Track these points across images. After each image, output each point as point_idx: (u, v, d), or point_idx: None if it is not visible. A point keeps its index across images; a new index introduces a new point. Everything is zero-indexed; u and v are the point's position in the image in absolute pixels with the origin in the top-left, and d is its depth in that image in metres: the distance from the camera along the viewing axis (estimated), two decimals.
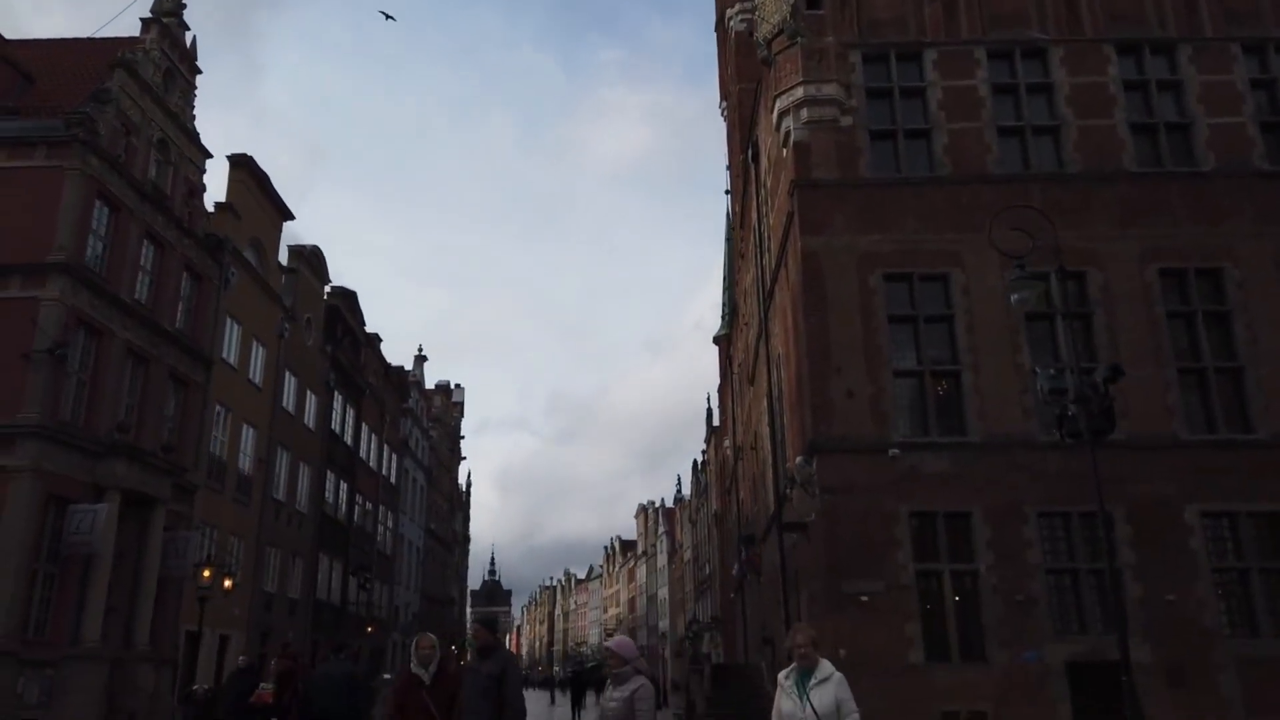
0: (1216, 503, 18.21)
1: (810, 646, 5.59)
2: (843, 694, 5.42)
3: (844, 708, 5.37)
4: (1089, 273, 19.72)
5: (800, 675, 5.49)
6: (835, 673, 5.50)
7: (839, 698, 5.38)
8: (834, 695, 5.38)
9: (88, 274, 20.02)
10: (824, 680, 5.43)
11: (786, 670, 5.67)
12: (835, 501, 18.55)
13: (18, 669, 17.62)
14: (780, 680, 5.69)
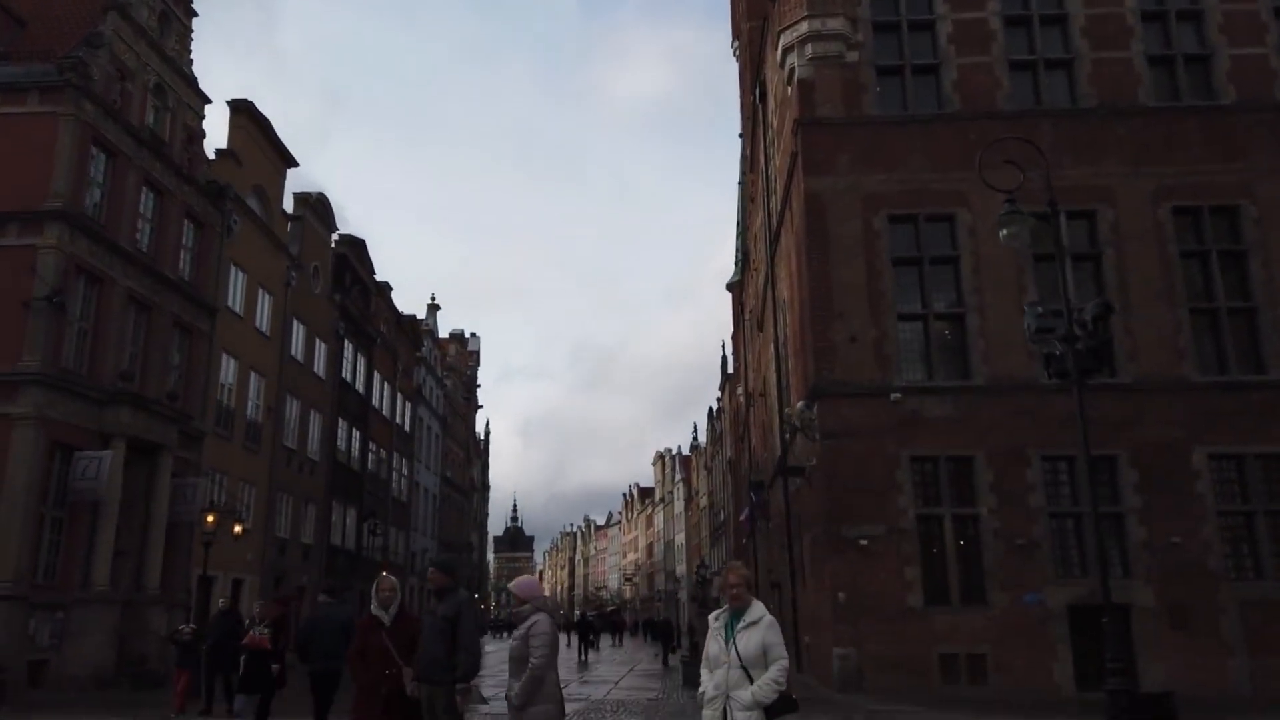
0: (1225, 445, 17.91)
1: (742, 586, 5.12)
2: (771, 639, 4.90)
3: (771, 653, 4.86)
4: (1099, 211, 19.24)
5: (731, 617, 5.01)
6: (766, 616, 5.01)
7: (766, 642, 4.87)
8: (760, 640, 4.87)
9: (86, 221, 19.93)
10: (753, 623, 4.93)
11: (717, 611, 5.19)
12: (836, 446, 18.41)
13: (28, 611, 17.93)
14: (710, 621, 5.17)
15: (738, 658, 4.85)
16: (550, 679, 5.89)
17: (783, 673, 4.81)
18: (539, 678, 5.80)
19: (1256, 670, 16.79)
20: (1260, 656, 16.84)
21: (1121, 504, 17.77)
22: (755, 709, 4.74)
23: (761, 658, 4.83)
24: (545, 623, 5.93)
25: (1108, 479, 18.13)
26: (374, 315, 40.56)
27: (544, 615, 6.00)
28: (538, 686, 5.81)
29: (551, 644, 5.91)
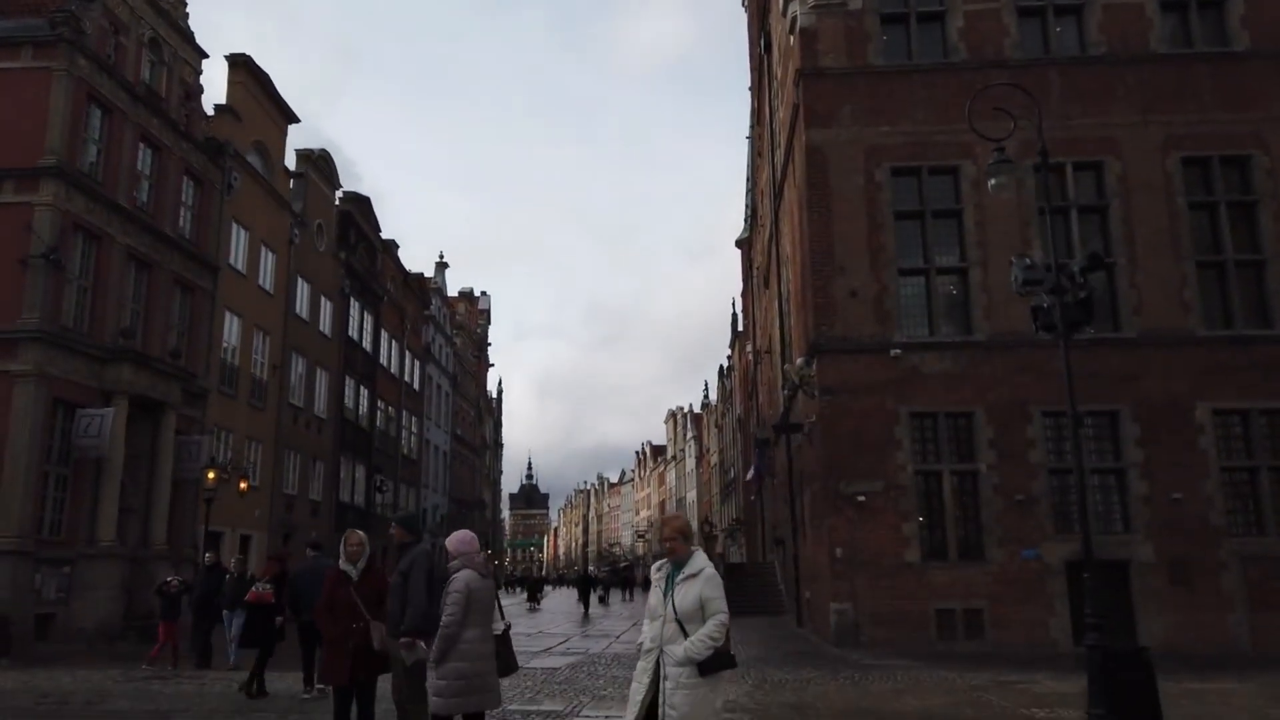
0: (1229, 400, 17.69)
1: (678, 538, 4.81)
2: (709, 592, 4.64)
3: (709, 607, 4.61)
4: (1106, 162, 18.86)
5: (673, 569, 4.76)
6: (706, 569, 4.74)
7: (704, 596, 4.61)
8: (698, 593, 4.62)
9: (82, 178, 19.85)
10: (691, 576, 4.67)
11: (660, 563, 4.90)
12: (835, 403, 18.29)
13: (34, 566, 18.17)
14: (652, 573, 4.92)
15: (673, 611, 4.63)
16: (470, 637, 5.71)
17: (719, 628, 4.59)
18: (449, 635, 5.66)
19: (1256, 626, 16.73)
20: (1260, 612, 16.77)
21: (1123, 459, 17.63)
22: (687, 665, 4.50)
23: (698, 612, 4.59)
24: (461, 580, 5.78)
25: (1110, 434, 17.99)
26: (380, 273, 40.49)
27: (465, 572, 5.83)
28: (449, 645, 5.67)
29: (464, 602, 5.70)
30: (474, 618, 5.74)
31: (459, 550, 5.96)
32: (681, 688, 4.49)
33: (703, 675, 4.49)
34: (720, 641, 4.57)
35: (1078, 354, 17.94)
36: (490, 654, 5.85)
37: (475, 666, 5.67)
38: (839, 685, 11.50)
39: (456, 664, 5.65)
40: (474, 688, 5.63)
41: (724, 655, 4.64)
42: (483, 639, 5.80)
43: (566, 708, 9.64)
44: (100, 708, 9.44)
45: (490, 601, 5.96)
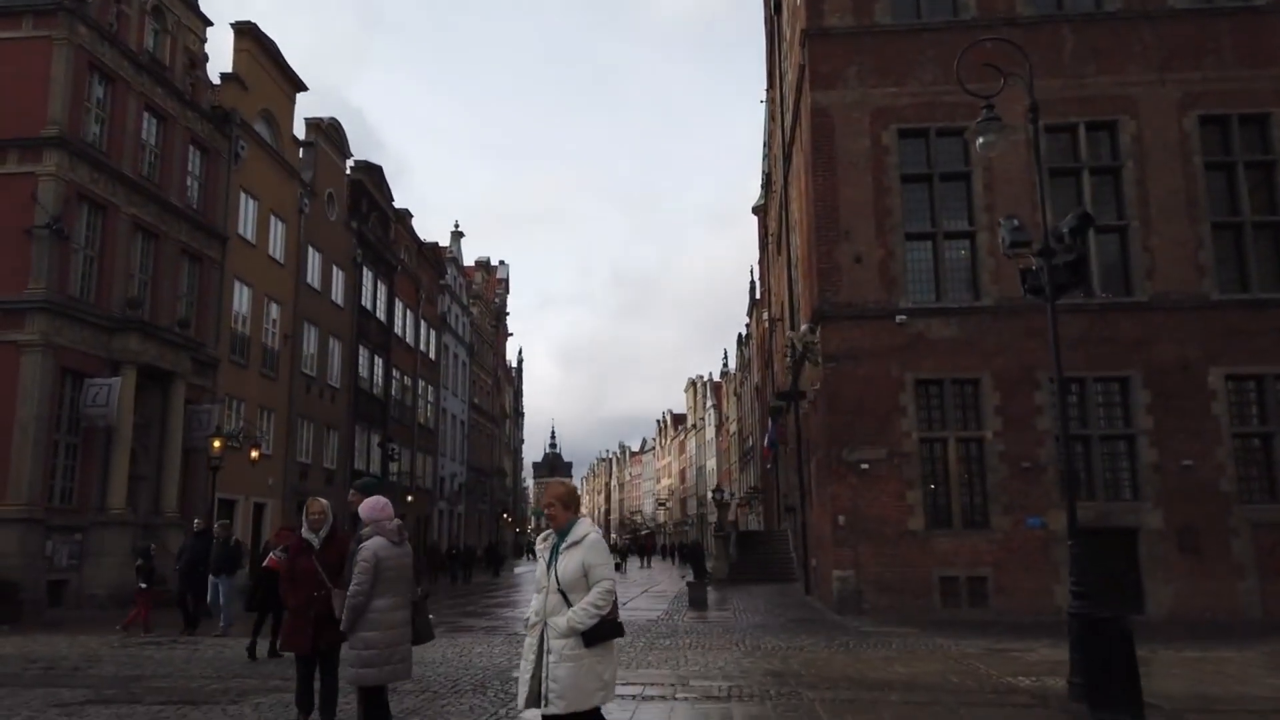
0: (1243, 365, 17.31)
1: (558, 505, 4.55)
2: (593, 559, 4.39)
3: (592, 574, 4.36)
4: (1121, 121, 18.38)
5: (558, 539, 4.52)
6: (590, 535, 4.49)
7: (587, 563, 4.37)
8: (580, 561, 4.37)
9: (85, 148, 19.85)
10: (574, 544, 4.43)
11: (545, 532, 4.65)
12: (839, 369, 18.08)
13: (45, 534, 18.42)
14: (538, 543, 4.64)
15: (556, 581, 4.38)
16: (379, 606, 5.59)
17: (604, 596, 4.32)
18: (355, 605, 5.56)
19: (1267, 593, 16.48)
20: (1272, 579, 16.50)
21: (1133, 425, 17.34)
22: (571, 635, 4.25)
23: (582, 580, 4.35)
24: (369, 549, 5.65)
25: (1120, 400, 17.69)
26: (394, 242, 40.45)
27: (374, 540, 5.71)
28: (356, 614, 5.57)
29: (372, 571, 5.58)
30: (384, 587, 5.62)
31: (370, 518, 5.84)
32: (564, 660, 4.24)
33: (588, 646, 4.25)
34: (605, 609, 4.31)
35: (1088, 319, 17.80)
36: (402, 623, 5.73)
37: (386, 636, 5.57)
38: (831, 653, 11.42)
39: (365, 634, 5.55)
40: (384, 658, 5.54)
41: (610, 624, 4.35)
42: (393, 608, 5.66)
43: None
44: (85, 672, 9.53)
45: (404, 570, 5.80)
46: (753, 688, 8.48)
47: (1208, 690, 8.38)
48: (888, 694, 8.17)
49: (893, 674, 9.48)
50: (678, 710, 7.43)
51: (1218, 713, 7.25)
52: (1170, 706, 7.52)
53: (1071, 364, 17.73)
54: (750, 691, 8.27)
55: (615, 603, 4.42)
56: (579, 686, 4.20)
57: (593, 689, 4.25)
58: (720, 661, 10.59)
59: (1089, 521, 17.10)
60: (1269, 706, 7.53)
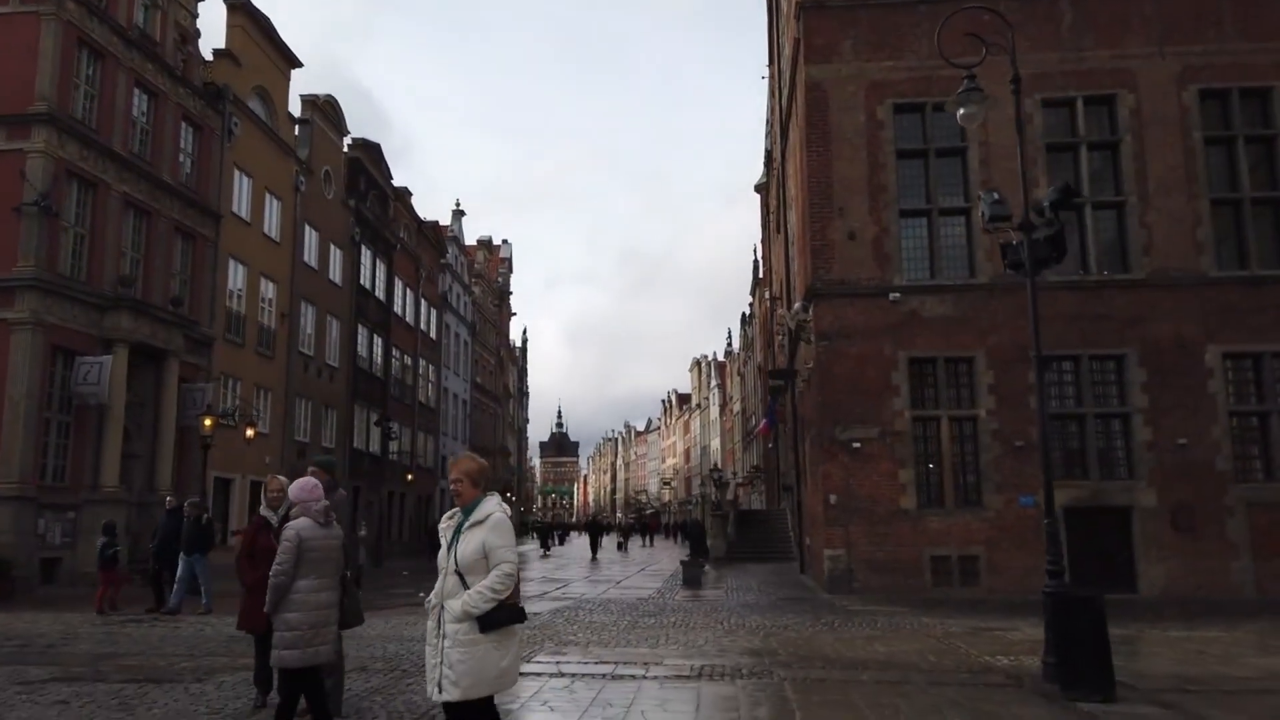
0: (1241, 343, 17.12)
1: (465, 481, 4.28)
2: (494, 540, 4.12)
3: (493, 556, 4.09)
4: (1119, 95, 18.10)
5: (463, 517, 4.26)
6: (495, 514, 4.21)
7: (488, 545, 4.11)
8: (481, 541, 4.12)
9: (75, 125, 19.71)
10: (477, 524, 4.17)
11: (452, 511, 4.39)
12: (831, 348, 17.93)
13: (37, 511, 18.44)
14: (443, 522, 4.38)
15: (454, 563, 4.13)
16: (302, 588, 5.50)
17: (502, 579, 4.06)
18: (278, 585, 5.48)
19: (1261, 573, 16.37)
20: (1266, 559, 16.39)
21: (1128, 404, 17.18)
22: (465, 620, 4.02)
23: (482, 562, 4.08)
24: (292, 529, 5.58)
25: (1115, 378, 17.53)
26: (393, 221, 40.28)
27: (299, 521, 5.64)
28: (278, 594, 5.49)
29: (294, 552, 5.49)
30: (308, 568, 5.54)
31: (297, 498, 5.77)
32: (458, 645, 4.01)
33: (483, 631, 4.01)
34: (503, 594, 4.05)
35: (1084, 296, 17.61)
36: (327, 605, 5.63)
37: (309, 618, 5.48)
38: (814, 632, 11.34)
39: (288, 615, 5.46)
40: (306, 640, 5.45)
41: (509, 609, 4.10)
42: (318, 589, 5.57)
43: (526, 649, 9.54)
44: (58, 650, 9.52)
45: (330, 552, 5.70)
46: (726, 667, 8.41)
47: (1187, 670, 8.28)
48: (860, 673, 8.09)
49: (870, 653, 9.40)
50: (645, 689, 7.36)
51: (1192, 692, 7.15)
52: (1145, 686, 7.42)
53: (1066, 341, 17.60)
54: (723, 671, 8.20)
55: (517, 588, 4.18)
56: (474, 673, 3.99)
57: (490, 676, 4.03)
58: (700, 640, 10.53)
59: (1083, 501, 17.04)
60: (1245, 687, 7.42)
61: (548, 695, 7.11)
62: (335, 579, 5.75)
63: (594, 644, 10.19)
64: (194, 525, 13.32)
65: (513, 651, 4.16)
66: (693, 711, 6.49)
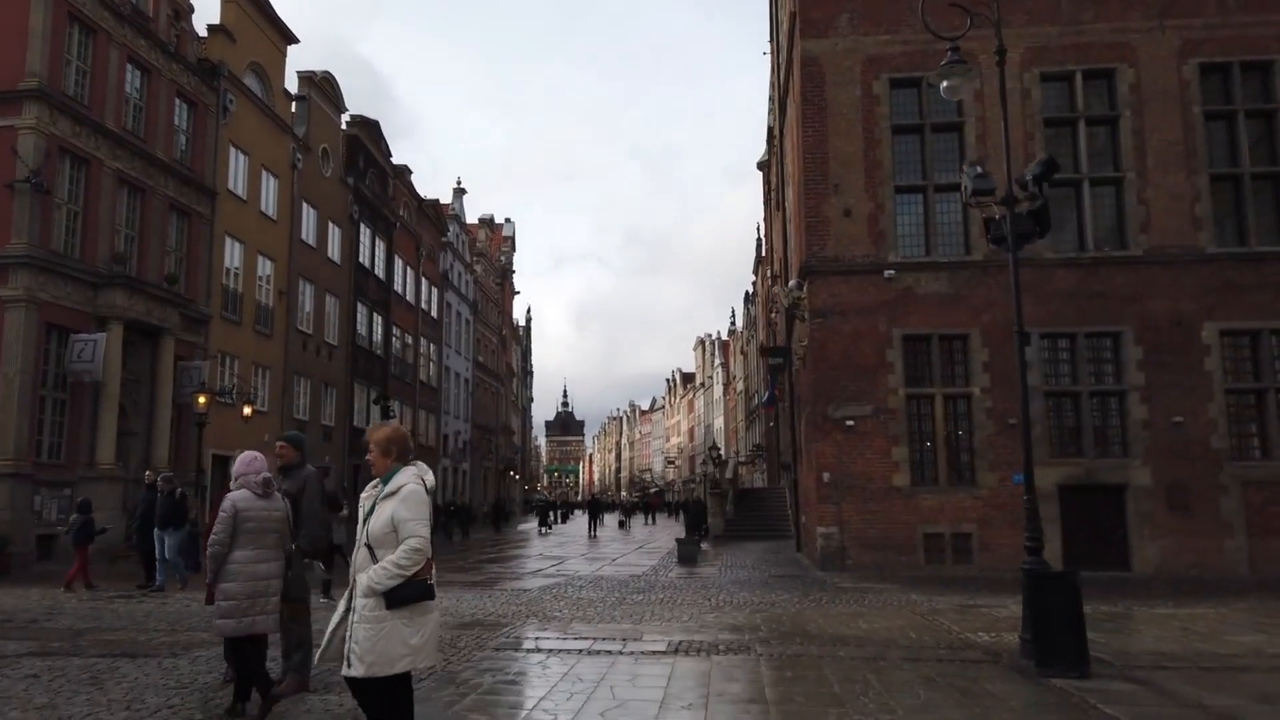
0: (1239, 320, 16.97)
1: (377, 451, 4.15)
2: (404, 513, 3.96)
3: (402, 530, 3.94)
4: (1119, 70, 17.88)
5: (381, 487, 4.12)
6: (407, 485, 4.06)
7: (397, 518, 3.96)
8: (390, 514, 3.98)
9: (66, 101, 19.60)
10: (390, 495, 4.03)
11: (374, 482, 4.21)
12: (825, 325, 17.83)
13: (33, 489, 18.50)
14: (363, 495, 4.22)
15: (366, 535, 4.01)
16: (239, 558, 5.55)
17: (410, 555, 3.91)
18: (214, 555, 5.55)
19: (1255, 551, 16.31)
20: (1260, 537, 16.32)
21: (1124, 381, 17.07)
22: (371, 596, 3.88)
23: (391, 536, 3.95)
24: (229, 500, 5.66)
25: (1111, 356, 17.42)
26: (393, 199, 40.15)
27: (236, 493, 5.71)
28: (216, 564, 5.56)
29: (230, 523, 5.56)
30: (245, 539, 5.57)
31: (239, 471, 5.83)
32: (365, 621, 3.88)
33: (390, 608, 3.87)
34: (410, 569, 3.91)
35: (1080, 273, 17.47)
36: (266, 576, 5.63)
37: (245, 588, 5.50)
38: (799, 609, 11.32)
39: (225, 584, 5.53)
40: (243, 609, 5.47)
41: (417, 585, 3.94)
42: (255, 560, 5.59)
43: (507, 626, 9.55)
44: (41, 625, 9.54)
45: (268, 523, 5.71)
46: (705, 643, 8.39)
47: (1168, 647, 8.24)
48: (838, 649, 8.06)
49: (853, 629, 9.37)
50: (619, 665, 7.34)
51: (1168, 669, 7.11)
52: (1122, 663, 7.37)
53: (1063, 319, 17.49)
54: (700, 647, 8.18)
55: (430, 563, 4.01)
56: (379, 650, 3.85)
57: (396, 654, 3.88)
58: (685, 617, 10.52)
59: (1077, 479, 16.97)
60: (1223, 664, 7.37)
61: (519, 670, 7.09)
62: (277, 550, 5.74)
63: (577, 620, 10.18)
64: (167, 500, 13.33)
65: (426, 630, 3.98)
66: (662, 686, 6.47)
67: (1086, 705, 5.90)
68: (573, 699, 6.03)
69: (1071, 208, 17.96)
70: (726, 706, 5.86)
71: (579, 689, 6.36)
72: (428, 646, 4.01)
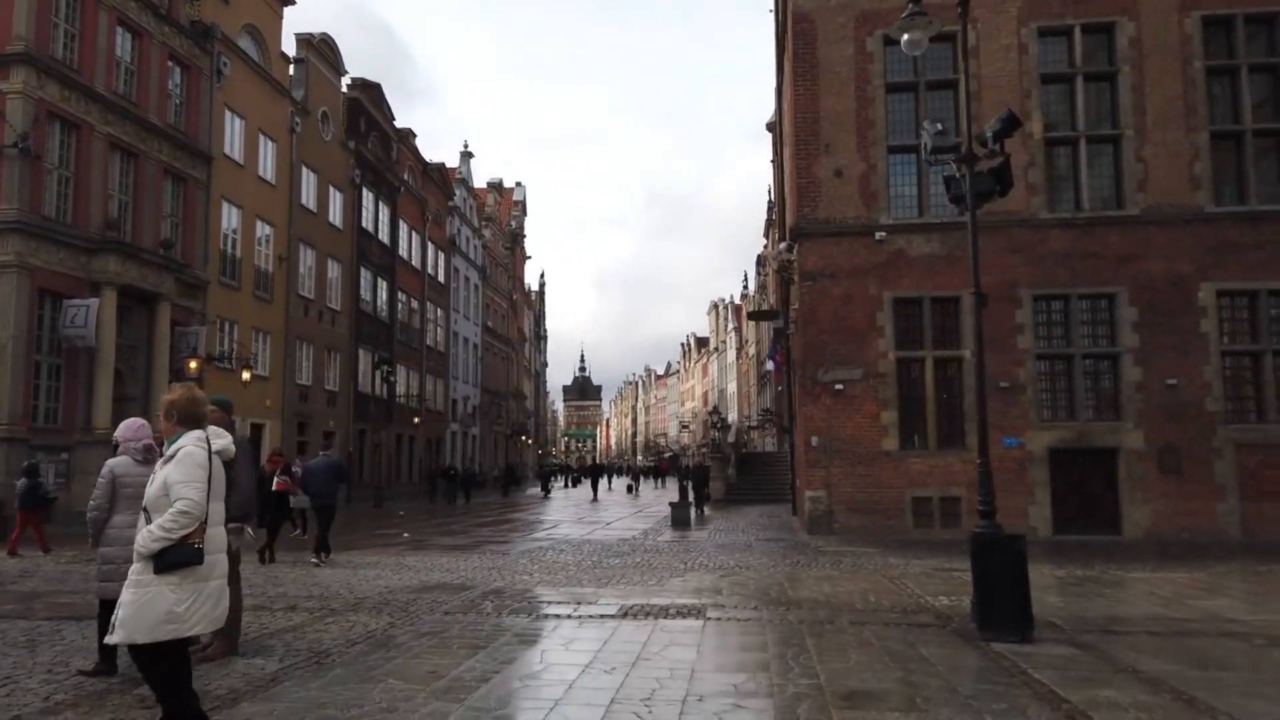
0: (1236, 281, 16.63)
1: (163, 415, 4.07)
2: (174, 475, 3.85)
3: (173, 493, 3.82)
4: (1118, 23, 17.40)
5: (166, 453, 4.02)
6: (185, 447, 3.94)
7: (169, 481, 3.84)
8: (164, 477, 3.87)
9: (55, 65, 19.54)
10: (170, 458, 3.92)
11: None
12: (815, 288, 17.63)
13: (29, 453, 18.67)
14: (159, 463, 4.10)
15: (145, 500, 3.91)
16: (117, 523, 5.59)
17: (176, 518, 3.76)
18: (92, 520, 5.68)
19: (1248, 514, 16.11)
20: (1253, 500, 16.11)
21: (1118, 343, 16.80)
22: (139, 560, 3.78)
23: (165, 500, 3.83)
24: (107, 467, 5.73)
25: (1106, 318, 17.14)
26: (397, 163, 39.97)
27: (115, 459, 5.77)
28: (95, 529, 5.69)
29: (108, 489, 5.64)
30: (124, 504, 5.61)
31: (121, 437, 5.85)
32: (131, 585, 3.77)
33: (157, 573, 3.74)
34: (176, 532, 3.76)
35: (1075, 233, 17.15)
36: None
37: (123, 552, 5.48)
38: (771, 573, 11.27)
39: (105, 549, 5.65)
40: (123, 573, 5.45)
41: (184, 550, 3.77)
42: (134, 525, 5.59)
43: (469, 590, 9.55)
44: (4, 588, 9.64)
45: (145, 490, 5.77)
46: (657, 607, 8.36)
47: (1126, 611, 8.12)
48: (789, 613, 8.00)
49: (814, 593, 9.31)
50: (561, 629, 7.32)
51: (1116, 634, 7.00)
52: (1072, 627, 7.27)
53: (1056, 280, 17.20)
54: (650, 610, 8.15)
55: (202, 528, 3.86)
56: (140, 616, 3.73)
57: (155, 622, 3.72)
58: (652, 581, 10.49)
59: (1068, 442, 16.79)
60: (1175, 628, 7.25)
61: (458, 634, 7.07)
62: None
63: (542, 584, 10.18)
64: None
65: (198, 598, 3.83)
66: (594, 650, 6.43)
67: (1017, 670, 5.81)
68: (498, 663, 6.01)
69: (1068, 167, 17.60)
70: (649, 670, 5.81)
71: (509, 654, 6.33)
72: (197, 615, 3.84)
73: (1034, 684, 5.47)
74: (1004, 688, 5.39)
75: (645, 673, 5.75)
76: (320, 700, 5.04)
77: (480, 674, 5.69)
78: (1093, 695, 5.17)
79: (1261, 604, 8.58)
